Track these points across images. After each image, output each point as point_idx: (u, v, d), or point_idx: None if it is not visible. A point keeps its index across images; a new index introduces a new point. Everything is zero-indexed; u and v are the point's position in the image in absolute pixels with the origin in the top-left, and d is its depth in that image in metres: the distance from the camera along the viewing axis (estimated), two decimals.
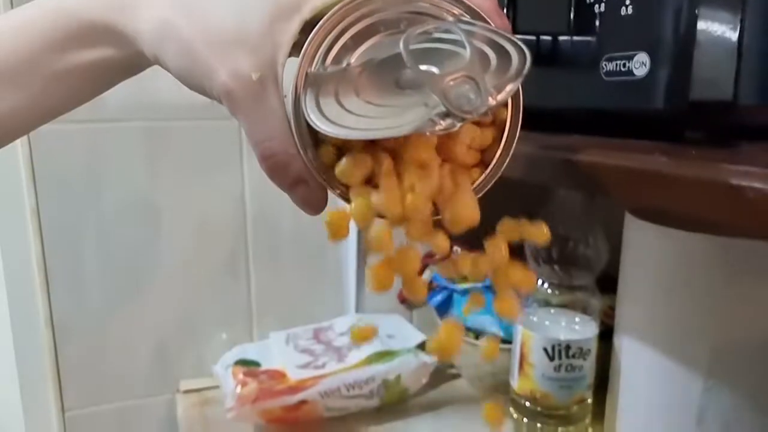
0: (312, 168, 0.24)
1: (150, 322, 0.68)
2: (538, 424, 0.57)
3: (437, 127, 0.20)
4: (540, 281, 0.58)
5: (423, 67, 0.21)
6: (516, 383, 0.59)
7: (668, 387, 0.49)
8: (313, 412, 0.62)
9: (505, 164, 0.25)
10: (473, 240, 0.26)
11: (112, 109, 0.63)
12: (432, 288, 0.70)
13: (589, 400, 0.58)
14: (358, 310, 0.77)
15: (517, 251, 0.27)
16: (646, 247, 0.51)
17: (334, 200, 0.25)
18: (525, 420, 0.58)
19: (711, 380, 0.46)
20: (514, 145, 0.24)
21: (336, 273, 0.75)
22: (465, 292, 0.67)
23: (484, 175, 0.25)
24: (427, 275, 0.73)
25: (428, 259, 0.72)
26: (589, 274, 0.57)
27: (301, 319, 0.73)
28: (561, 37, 0.35)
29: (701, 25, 0.27)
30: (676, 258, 0.48)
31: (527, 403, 0.57)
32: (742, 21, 0.27)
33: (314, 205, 0.25)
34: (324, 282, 0.74)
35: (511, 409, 0.60)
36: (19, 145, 0.60)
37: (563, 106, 0.35)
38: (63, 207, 0.62)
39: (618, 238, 0.56)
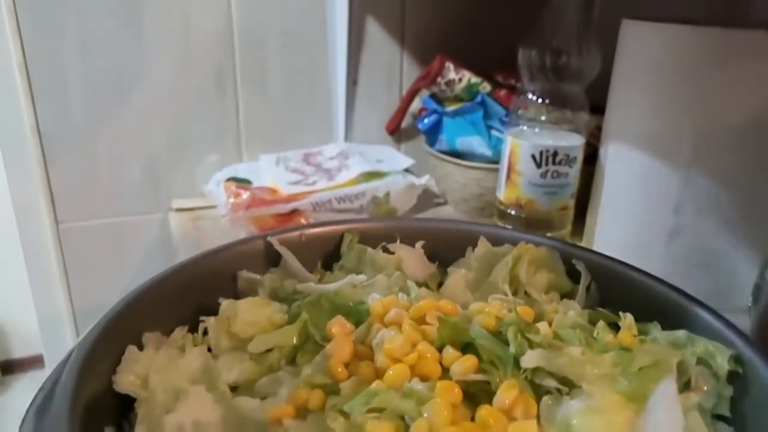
0: None
1: (138, 138, 0.67)
2: None
3: None
4: (531, 94, 0.58)
5: None
6: (502, 193, 0.60)
7: (649, 181, 0.51)
8: None
9: None
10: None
11: None
12: (422, 112, 0.70)
13: (572, 210, 0.60)
14: (347, 140, 0.77)
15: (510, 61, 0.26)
16: (638, 45, 0.51)
17: None
18: (509, 227, 0.61)
19: (691, 169, 0.48)
20: None
21: (325, 101, 0.74)
22: (454, 114, 0.67)
23: None
24: (417, 102, 0.73)
25: (419, 83, 0.72)
26: (580, 84, 0.57)
27: (290, 146, 0.73)
28: None
29: None
30: (666, 51, 0.49)
31: (512, 211, 0.60)
32: None
33: None
34: (313, 110, 0.74)
35: (496, 220, 0.62)
36: None
37: None
38: (42, 9, 0.59)
39: (609, 58, 0.56)
